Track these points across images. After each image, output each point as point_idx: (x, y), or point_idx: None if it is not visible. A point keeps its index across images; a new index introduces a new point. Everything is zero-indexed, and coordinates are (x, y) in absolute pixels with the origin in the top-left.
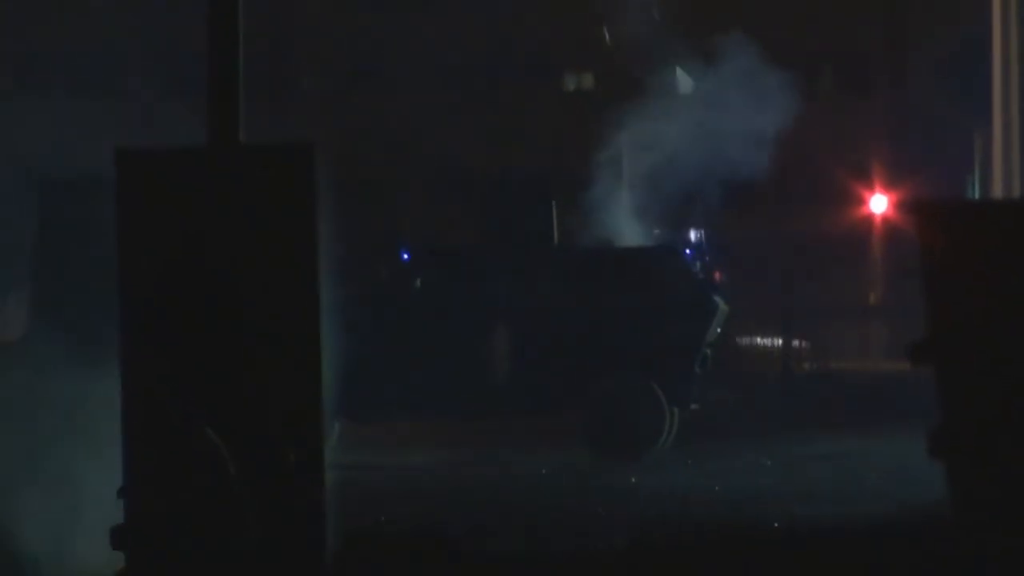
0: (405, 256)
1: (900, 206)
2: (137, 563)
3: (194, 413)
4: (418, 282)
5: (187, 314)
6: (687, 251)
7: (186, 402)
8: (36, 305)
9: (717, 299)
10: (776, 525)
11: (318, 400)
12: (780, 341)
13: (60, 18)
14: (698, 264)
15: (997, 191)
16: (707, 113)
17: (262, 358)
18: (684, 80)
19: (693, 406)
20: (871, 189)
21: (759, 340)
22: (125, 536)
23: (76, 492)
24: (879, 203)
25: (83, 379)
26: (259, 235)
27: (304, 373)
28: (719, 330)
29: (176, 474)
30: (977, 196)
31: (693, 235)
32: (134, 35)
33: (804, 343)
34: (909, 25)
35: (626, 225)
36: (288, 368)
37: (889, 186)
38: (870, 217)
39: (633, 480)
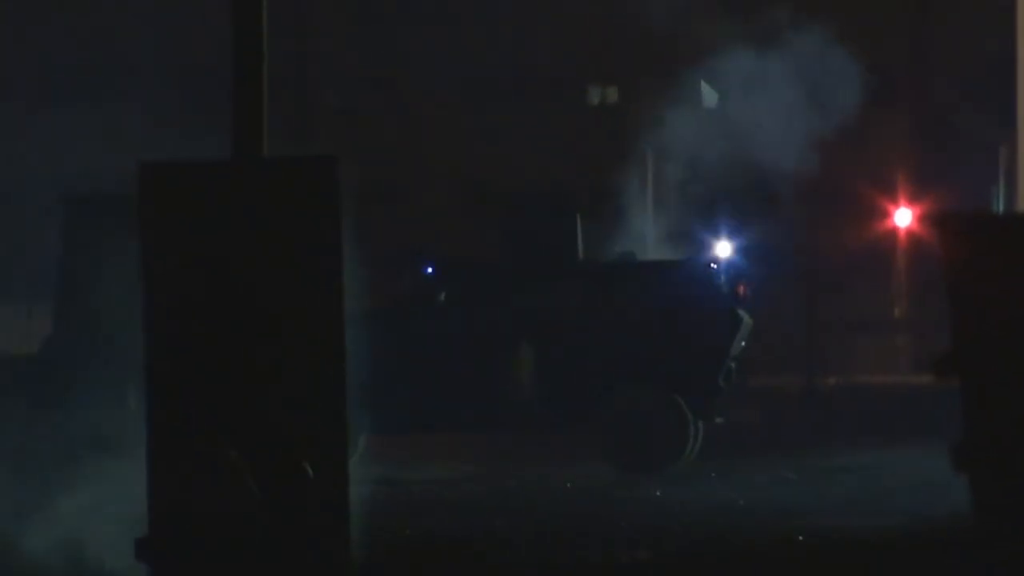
0: (429, 270)
1: (924, 219)
2: (160, 574)
3: (216, 426)
4: (442, 296)
5: (210, 327)
6: (711, 264)
7: (209, 415)
8: (60, 318)
9: (741, 312)
10: (800, 538)
11: (342, 413)
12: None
13: (85, 32)
14: (722, 277)
15: (1022, 204)
16: (732, 126)
17: (285, 371)
18: (709, 93)
19: (718, 419)
20: (896, 202)
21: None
22: (149, 547)
23: (98, 501)
24: (904, 216)
25: (106, 391)
26: (283, 248)
27: (328, 386)
28: (743, 343)
29: (198, 486)
30: (1001, 209)
31: (718, 248)
32: (157, 48)
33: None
34: (934, 37)
35: (651, 238)
36: (312, 381)
37: (914, 199)
38: (895, 230)
39: (658, 493)
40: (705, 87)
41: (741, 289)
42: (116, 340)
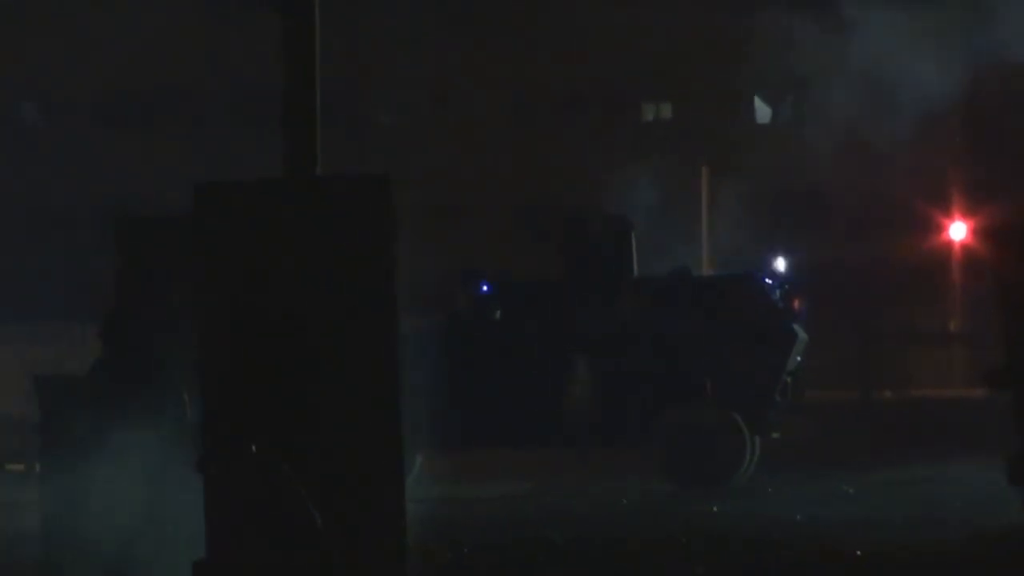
0: (484, 288)
1: (975, 231)
2: None
3: (271, 445)
4: (497, 314)
5: (264, 346)
6: (767, 279)
7: (263, 433)
8: (112, 338)
9: (797, 327)
10: (858, 552)
11: (398, 431)
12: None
13: (139, 56)
14: (778, 292)
15: None
16: (788, 143)
17: (340, 389)
18: (762, 109)
19: (774, 434)
20: (951, 216)
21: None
22: (207, 570)
23: (152, 526)
24: (959, 229)
25: (159, 416)
26: (337, 266)
27: (383, 404)
28: (799, 358)
29: (256, 509)
30: None
31: (773, 263)
32: (210, 69)
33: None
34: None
35: (706, 254)
36: (366, 399)
37: (969, 212)
38: (950, 243)
39: (715, 509)
40: (759, 103)
41: (796, 304)
42: (170, 360)
